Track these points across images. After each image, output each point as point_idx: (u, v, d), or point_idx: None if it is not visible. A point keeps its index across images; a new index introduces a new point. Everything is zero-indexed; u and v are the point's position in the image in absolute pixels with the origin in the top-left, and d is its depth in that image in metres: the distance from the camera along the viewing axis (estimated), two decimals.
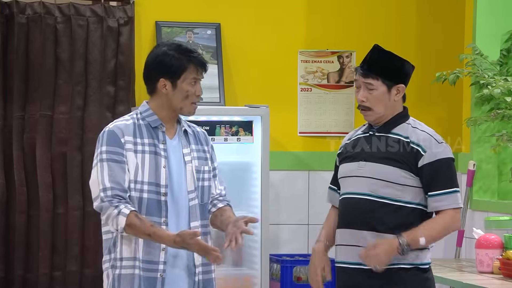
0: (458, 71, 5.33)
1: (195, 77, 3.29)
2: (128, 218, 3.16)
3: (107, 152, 3.24)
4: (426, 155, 3.38)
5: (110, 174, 3.21)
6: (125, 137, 3.26)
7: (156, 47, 3.35)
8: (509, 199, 5.43)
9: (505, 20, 5.50)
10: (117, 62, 5.52)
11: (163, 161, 3.27)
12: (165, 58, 3.27)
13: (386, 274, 3.35)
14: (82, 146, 5.46)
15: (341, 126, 5.87)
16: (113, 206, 3.18)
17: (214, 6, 5.73)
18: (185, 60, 3.27)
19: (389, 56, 3.43)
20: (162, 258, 3.22)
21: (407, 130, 3.43)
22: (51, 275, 5.41)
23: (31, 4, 5.44)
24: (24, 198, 5.38)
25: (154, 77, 3.30)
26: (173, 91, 3.28)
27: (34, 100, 5.43)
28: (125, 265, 3.24)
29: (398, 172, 3.37)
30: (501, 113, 5.19)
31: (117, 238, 3.24)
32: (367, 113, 3.44)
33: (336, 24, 5.87)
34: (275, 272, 5.60)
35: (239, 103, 5.70)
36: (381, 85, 3.41)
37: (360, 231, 3.38)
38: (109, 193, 3.20)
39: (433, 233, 3.35)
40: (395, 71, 3.43)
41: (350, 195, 3.44)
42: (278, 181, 5.77)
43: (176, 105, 3.30)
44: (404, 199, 3.38)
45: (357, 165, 3.43)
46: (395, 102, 3.44)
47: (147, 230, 3.16)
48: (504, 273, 4.20)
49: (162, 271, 3.23)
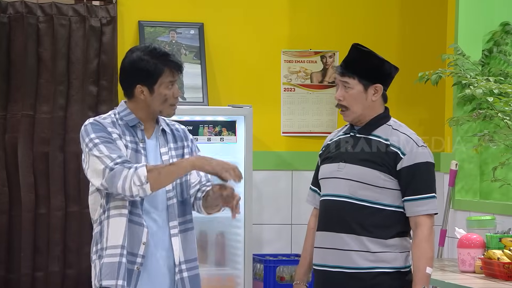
0: (441, 71, 5.35)
1: (171, 80, 3.29)
2: (147, 167, 3.15)
3: (97, 137, 3.23)
4: (405, 158, 3.36)
5: (111, 151, 3.19)
6: (108, 129, 3.27)
7: (130, 51, 3.33)
8: (491, 199, 5.45)
9: (487, 21, 5.53)
10: (99, 61, 5.50)
11: (143, 159, 3.27)
12: (140, 64, 3.26)
13: (367, 277, 3.34)
14: (64, 146, 5.44)
15: (324, 126, 5.88)
16: (127, 168, 3.15)
17: (197, 6, 5.73)
18: (160, 64, 3.26)
19: (368, 55, 3.41)
20: (141, 252, 3.23)
21: (388, 132, 3.41)
22: (33, 275, 5.39)
23: (13, 4, 5.42)
24: (5, 199, 5.36)
25: (130, 83, 3.30)
26: (151, 96, 3.28)
27: (16, 99, 5.40)
28: (110, 254, 3.23)
29: (376, 174, 3.35)
30: (483, 113, 5.21)
31: (104, 228, 3.23)
32: (345, 113, 3.43)
33: (319, 24, 5.87)
34: (258, 272, 5.60)
35: (222, 103, 5.70)
36: (357, 84, 3.39)
37: (339, 234, 3.37)
38: (119, 160, 3.17)
39: (428, 255, 3.33)
40: (372, 70, 3.40)
41: (329, 197, 3.43)
42: (261, 181, 5.77)
43: (155, 109, 3.30)
44: (383, 202, 3.36)
45: (337, 166, 3.42)
46: (374, 102, 3.42)
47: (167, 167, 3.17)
48: (486, 272, 4.22)
49: (139, 264, 3.23)
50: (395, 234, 3.38)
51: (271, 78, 5.84)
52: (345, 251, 3.36)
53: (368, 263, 3.36)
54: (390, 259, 3.36)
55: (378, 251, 3.36)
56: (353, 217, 3.36)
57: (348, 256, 3.36)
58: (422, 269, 3.32)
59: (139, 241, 3.23)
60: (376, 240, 3.35)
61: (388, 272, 3.36)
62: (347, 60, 3.43)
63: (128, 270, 3.23)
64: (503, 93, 5.14)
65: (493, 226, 4.61)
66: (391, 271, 3.37)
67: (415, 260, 3.34)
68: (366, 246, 3.35)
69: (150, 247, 3.25)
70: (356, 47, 3.43)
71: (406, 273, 3.40)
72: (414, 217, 3.37)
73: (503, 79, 5.35)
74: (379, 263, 3.36)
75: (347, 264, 3.36)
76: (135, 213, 3.24)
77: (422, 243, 3.33)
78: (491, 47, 5.50)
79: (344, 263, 3.37)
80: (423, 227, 3.35)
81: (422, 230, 3.34)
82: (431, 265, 3.35)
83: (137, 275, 3.23)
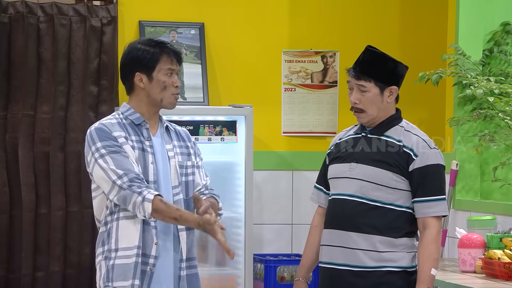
0: (441, 71, 5.34)
1: (170, 67, 3.29)
2: (154, 203, 3.15)
3: (103, 147, 3.23)
4: (418, 159, 3.37)
5: (117, 164, 3.19)
6: (114, 133, 3.26)
7: (127, 45, 3.35)
8: (491, 199, 5.45)
9: (487, 21, 5.52)
10: (100, 61, 5.50)
11: (151, 157, 3.27)
12: (138, 52, 3.28)
13: (374, 275, 3.35)
14: (65, 146, 5.44)
15: (324, 126, 5.88)
16: (136, 193, 3.16)
17: (198, 6, 5.73)
18: (158, 51, 3.28)
19: (382, 57, 3.42)
20: (154, 252, 3.24)
21: (400, 133, 3.42)
22: (34, 275, 5.39)
23: (14, 3, 5.42)
24: (6, 199, 5.36)
25: (129, 73, 3.30)
26: (150, 83, 3.28)
27: (17, 99, 5.40)
28: (120, 255, 3.23)
29: (389, 175, 3.36)
30: (484, 113, 5.21)
31: (112, 230, 3.24)
32: (360, 115, 3.43)
33: (320, 24, 5.87)
34: (259, 272, 5.60)
35: (223, 103, 5.70)
36: (374, 87, 3.40)
37: (347, 232, 3.37)
38: (126, 179, 3.18)
39: (435, 257, 3.34)
40: (387, 73, 3.41)
41: (339, 196, 3.43)
42: (262, 181, 5.77)
43: (156, 98, 3.29)
44: (395, 202, 3.37)
45: (348, 166, 3.42)
46: (388, 104, 3.43)
47: (173, 214, 3.16)
48: (486, 272, 4.22)
49: (152, 265, 3.24)
50: (404, 234, 3.39)
51: (271, 78, 5.84)
52: (353, 250, 3.37)
53: (375, 262, 3.37)
54: (397, 258, 3.37)
55: (385, 251, 3.37)
56: (364, 217, 3.36)
57: (355, 255, 3.37)
58: (427, 270, 3.33)
59: (152, 242, 3.23)
60: (385, 240, 3.36)
61: (394, 271, 3.37)
62: (362, 63, 3.41)
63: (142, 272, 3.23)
64: (504, 93, 5.14)
65: (493, 226, 4.61)
66: (397, 270, 3.38)
67: (421, 261, 3.35)
68: (374, 245, 3.36)
69: (159, 245, 3.25)
70: (371, 50, 3.43)
71: (412, 272, 3.41)
72: (423, 218, 3.38)
73: (503, 79, 5.35)
74: (386, 262, 3.37)
75: (354, 262, 3.37)
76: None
77: (429, 245, 3.34)
78: (492, 47, 5.49)
79: (351, 261, 3.38)
80: (432, 228, 3.36)
81: (430, 232, 3.35)
82: (436, 267, 3.36)
83: (150, 276, 3.24)
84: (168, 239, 3.27)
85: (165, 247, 3.27)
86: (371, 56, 3.41)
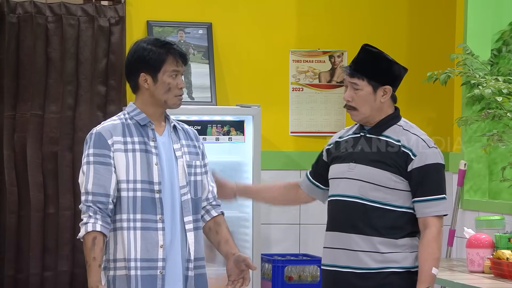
0: (449, 70, 5.34)
1: (175, 69, 3.28)
2: (86, 236, 3.19)
3: (94, 154, 3.24)
4: (416, 159, 3.35)
5: (95, 177, 3.22)
6: (114, 138, 3.26)
7: (134, 43, 3.35)
8: (499, 199, 5.44)
9: (496, 20, 5.52)
10: (108, 61, 5.51)
11: (155, 158, 3.26)
12: (144, 53, 3.27)
13: (377, 277, 3.34)
14: (73, 146, 5.45)
15: (332, 125, 5.88)
16: (87, 215, 3.21)
17: (205, 5, 5.73)
18: (164, 52, 3.27)
19: (377, 56, 3.40)
20: (161, 255, 3.23)
21: (399, 132, 3.40)
22: (42, 275, 5.40)
23: (22, 4, 5.43)
24: (14, 198, 5.37)
25: (134, 73, 3.30)
26: (155, 85, 3.28)
27: (25, 99, 5.41)
28: (119, 266, 3.23)
29: (387, 176, 3.34)
30: (492, 113, 5.20)
31: (110, 239, 3.24)
32: (352, 113, 3.43)
33: (327, 24, 5.87)
34: (267, 272, 5.60)
35: (230, 103, 5.70)
36: (367, 85, 3.38)
37: (348, 234, 3.36)
38: (90, 199, 3.22)
39: (435, 256, 3.33)
40: (381, 72, 3.39)
41: (339, 197, 3.42)
42: (269, 180, 5.76)
43: (160, 99, 3.29)
44: (395, 203, 3.36)
45: (347, 166, 3.41)
46: (382, 103, 3.41)
47: (88, 257, 3.20)
48: (494, 272, 4.21)
49: (162, 268, 3.23)
50: (405, 235, 3.38)
51: (279, 78, 5.84)
52: (355, 252, 3.36)
53: (378, 263, 3.36)
54: (400, 259, 3.36)
55: (387, 252, 3.36)
56: (363, 218, 3.35)
57: (358, 257, 3.36)
58: (428, 269, 3.32)
59: (156, 246, 3.22)
60: (386, 241, 3.35)
61: (398, 272, 3.36)
62: (356, 61, 3.42)
63: (149, 278, 3.21)
64: None
65: (502, 226, 4.60)
66: (401, 271, 3.36)
67: (422, 260, 3.34)
68: (376, 247, 3.35)
69: (165, 247, 3.25)
70: (366, 48, 3.42)
71: (415, 273, 3.39)
72: (423, 218, 3.36)
73: None
74: (389, 263, 3.35)
75: (357, 264, 3.36)
76: (149, 219, 3.23)
77: (430, 244, 3.33)
78: (500, 47, 5.49)
79: (353, 263, 3.37)
80: (432, 228, 3.34)
81: (430, 231, 3.34)
82: (437, 266, 3.34)
83: (162, 280, 3.23)
84: (175, 240, 3.27)
85: (172, 247, 3.26)
86: (366, 55, 3.40)
